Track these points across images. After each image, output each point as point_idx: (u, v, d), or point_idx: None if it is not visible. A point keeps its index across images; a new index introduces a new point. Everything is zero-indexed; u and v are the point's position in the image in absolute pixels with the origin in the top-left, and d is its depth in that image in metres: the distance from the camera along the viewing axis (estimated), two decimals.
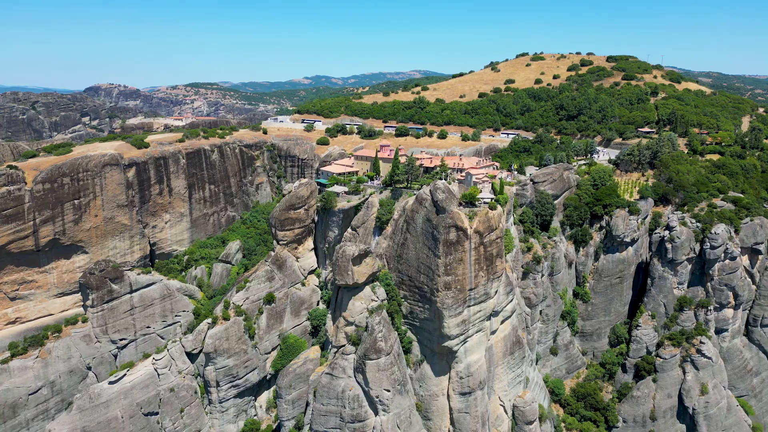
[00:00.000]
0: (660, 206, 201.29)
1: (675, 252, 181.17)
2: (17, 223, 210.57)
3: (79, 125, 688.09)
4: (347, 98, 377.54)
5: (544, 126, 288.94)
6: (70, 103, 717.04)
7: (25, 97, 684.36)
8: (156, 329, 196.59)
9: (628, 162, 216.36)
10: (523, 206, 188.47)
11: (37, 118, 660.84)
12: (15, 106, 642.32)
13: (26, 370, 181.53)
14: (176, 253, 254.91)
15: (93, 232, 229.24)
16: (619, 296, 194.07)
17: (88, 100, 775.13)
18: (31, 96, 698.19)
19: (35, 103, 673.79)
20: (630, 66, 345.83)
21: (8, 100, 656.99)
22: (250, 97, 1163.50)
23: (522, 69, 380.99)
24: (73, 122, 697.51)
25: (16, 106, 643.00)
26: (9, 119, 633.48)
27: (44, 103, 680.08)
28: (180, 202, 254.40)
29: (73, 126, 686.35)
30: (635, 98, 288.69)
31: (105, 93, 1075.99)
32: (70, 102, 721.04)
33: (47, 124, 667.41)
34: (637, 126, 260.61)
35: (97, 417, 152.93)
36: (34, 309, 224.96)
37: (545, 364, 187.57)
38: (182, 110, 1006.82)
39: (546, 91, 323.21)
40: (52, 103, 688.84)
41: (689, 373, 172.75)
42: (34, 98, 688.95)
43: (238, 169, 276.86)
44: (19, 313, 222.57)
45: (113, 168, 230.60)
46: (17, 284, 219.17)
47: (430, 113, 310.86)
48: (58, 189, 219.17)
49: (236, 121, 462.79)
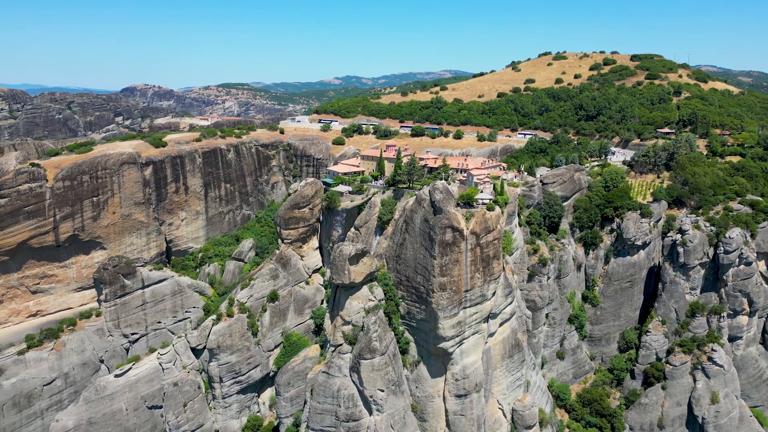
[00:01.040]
0: (674, 209, 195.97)
1: (687, 256, 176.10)
2: (38, 219, 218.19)
3: (112, 125, 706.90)
4: (365, 98, 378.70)
5: (562, 126, 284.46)
6: (104, 104, 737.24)
7: (62, 97, 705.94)
8: (167, 324, 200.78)
9: (642, 163, 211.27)
10: (531, 208, 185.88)
11: (72, 117, 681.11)
12: (51, 106, 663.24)
13: (41, 361, 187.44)
14: (192, 250, 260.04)
15: (111, 228, 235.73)
16: (630, 301, 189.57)
17: (122, 101, 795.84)
18: (67, 96, 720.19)
19: (71, 103, 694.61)
20: (654, 65, 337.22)
21: (45, 100, 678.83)
22: (280, 98, 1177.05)
23: (543, 68, 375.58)
24: (107, 122, 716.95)
25: (52, 106, 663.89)
26: (46, 119, 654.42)
27: (79, 103, 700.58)
28: (196, 201, 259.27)
29: (106, 125, 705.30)
30: (657, 98, 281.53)
31: (140, 93, 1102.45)
32: (105, 102, 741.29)
33: (82, 124, 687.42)
34: (657, 127, 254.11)
35: (102, 409, 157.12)
36: (54, 302, 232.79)
37: (551, 368, 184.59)
38: (213, 110, 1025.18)
39: (566, 90, 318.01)
40: (87, 103, 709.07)
41: (700, 381, 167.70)
42: (70, 98, 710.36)
43: (254, 168, 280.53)
44: (40, 306, 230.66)
45: (131, 166, 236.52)
46: (38, 278, 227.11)
47: (447, 113, 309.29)
48: (77, 186, 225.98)
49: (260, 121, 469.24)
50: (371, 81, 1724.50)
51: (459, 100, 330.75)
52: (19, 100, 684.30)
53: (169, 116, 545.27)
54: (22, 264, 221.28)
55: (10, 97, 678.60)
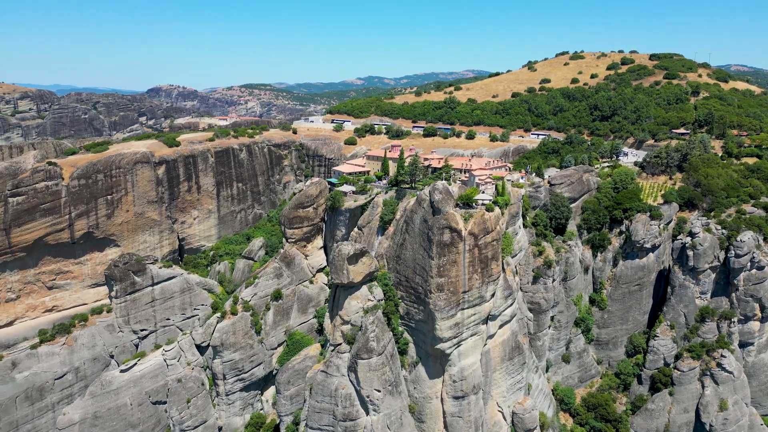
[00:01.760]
0: (686, 211, 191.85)
1: (697, 259, 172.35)
2: (54, 216, 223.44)
3: (136, 125, 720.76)
4: (378, 98, 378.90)
5: (576, 127, 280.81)
6: (128, 104, 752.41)
7: (87, 97, 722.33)
8: (175, 321, 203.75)
9: (654, 164, 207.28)
10: (537, 209, 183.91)
11: (97, 117, 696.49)
12: (77, 106, 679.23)
13: (53, 355, 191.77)
14: (204, 248, 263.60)
15: (124, 226, 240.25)
16: (638, 304, 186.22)
17: (146, 101, 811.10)
18: (93, 96, 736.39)
19: (96, 104, 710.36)
20: (673, 64, 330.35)
21: (72, 101, 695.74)
22: (302, 98, 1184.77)
23: (559, 68, 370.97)
24: (131, 122, 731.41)
25: (78, 106, 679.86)
26: (72, 118, 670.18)
27: (105, 104, 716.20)
28: (208, 199, 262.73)
29: (131, 125, 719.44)
30: (673, 98, 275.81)
31: (165, 94, 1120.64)
32: (129, 102, 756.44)
33: (107, 124, 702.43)
34: (672, 127, 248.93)
35: (108, 403, 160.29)
36: (69, 298, 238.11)
37: (557, 371, 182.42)
38: (236, 110, 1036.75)
39: (581, 90, 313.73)
40: (112, 103, 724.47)
41: (708, 388, 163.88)
42: (95, 99, 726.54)
43: (266, 167, 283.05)
44: (56, 302, 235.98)
45: (144, 165, 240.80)
46: (54, 274, 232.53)
47: (460, 113, 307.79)
48: (92, 185, 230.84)
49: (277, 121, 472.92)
50: (393, 81, 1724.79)
51: (473, 100, 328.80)
52: (46, 101, 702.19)
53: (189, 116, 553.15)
54: (38, 260, 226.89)
55: (38, 98, 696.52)
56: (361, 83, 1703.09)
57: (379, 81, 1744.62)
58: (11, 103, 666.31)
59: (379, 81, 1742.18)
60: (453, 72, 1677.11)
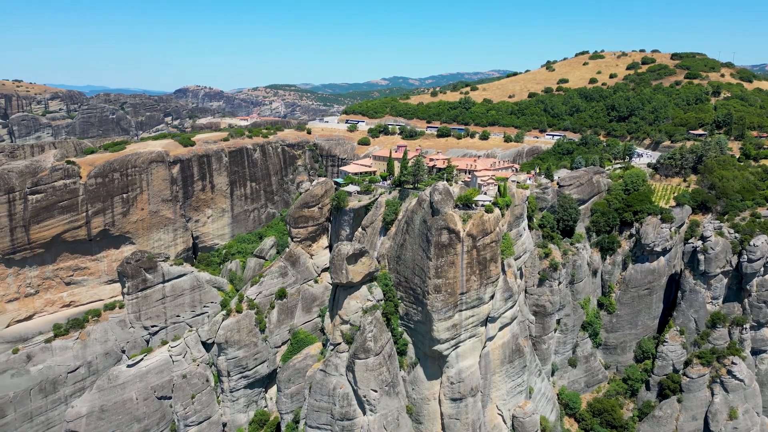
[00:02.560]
0: (699, 215, 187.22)
1: (708, 264, 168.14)
2: (72, 213, 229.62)
3: (161, 125, 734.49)
4: (394, 99, 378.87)
5: (592, 127, 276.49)
6: (155, 104, 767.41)
7: (115, 98, 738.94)
8: (185, 318, 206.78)
9: (668, 166, 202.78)
10: (544, 210, 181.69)
11: (125, 117, 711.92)
12: (105, 107, 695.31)
13: (67, 349, 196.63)
14: (217, 246, 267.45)
15: (139, 224, 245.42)
16: (648, 309, 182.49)
17: (172, 101, 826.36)
18: (121, 97, 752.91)
19: (124, 104, 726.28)
20: (695, 64, 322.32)
21: (100, 101, 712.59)
22: (326, 98, 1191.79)
23: (578, 68, 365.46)
24: (157, 122, 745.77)
25: (106, 107, 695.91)
26: (100, 118, 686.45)
27: (132, 104, 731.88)
28: (222, 198, 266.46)
29: (156, 125, 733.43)
30: (693, 98, 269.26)
31: (192, 94, 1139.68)
32: (155, 103, 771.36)
33: (134, 124, 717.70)
34: (690, 128, 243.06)
35: (114, 397, 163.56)
36: (86, 294, 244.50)
37: (563, 375, 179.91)
38: (261, 111, 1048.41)
39: (599, 90, 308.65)
40: (139, 104, 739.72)
41: (718, 396, 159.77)
42: (123, 99, 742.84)
43: (280, 167, 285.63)
44: (73, 297, 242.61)
45: (159, 164, 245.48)
46: (72, 270, 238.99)
47: (475, 113, 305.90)
48: (108, 183, 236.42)
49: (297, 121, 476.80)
50: (418, 81, 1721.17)
51: (488, 100, 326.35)
52: (76, 101, 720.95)
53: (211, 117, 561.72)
54: (56, 256, 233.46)
55: (67, 98, 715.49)
56: (385, 83, 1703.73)
57: (404, 81, 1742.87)
58: (42, 103, 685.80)
59: (403, 81, 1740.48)
60: (479, 72, 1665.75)
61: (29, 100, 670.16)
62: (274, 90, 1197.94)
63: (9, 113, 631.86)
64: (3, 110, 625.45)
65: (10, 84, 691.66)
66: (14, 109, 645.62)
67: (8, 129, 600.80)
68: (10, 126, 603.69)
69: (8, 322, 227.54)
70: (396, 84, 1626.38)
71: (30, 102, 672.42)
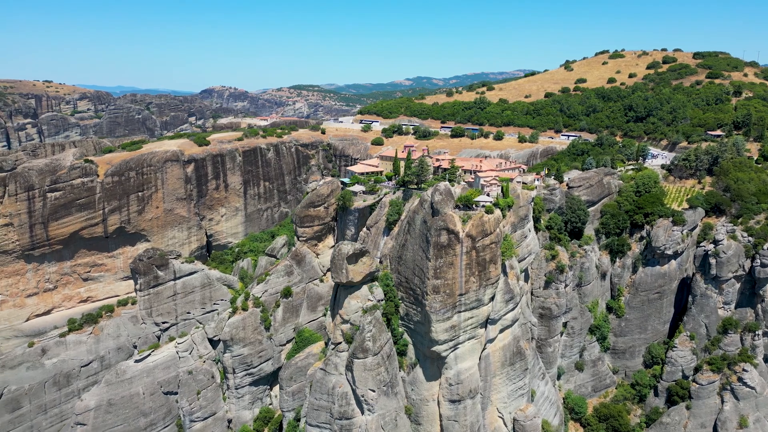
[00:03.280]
0: (713, 217, 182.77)
1: (720, 268, 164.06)
2: (89, 211, 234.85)
3: (185, 124, 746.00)
4: (409, 99, 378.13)
5: (609, 128, 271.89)
6: (179, 104, 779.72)
7: (141, 98, 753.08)
8: (195, 315, 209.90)
9: (682, 168, 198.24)
10: (551, 212, 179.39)
11: (150, 117, 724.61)
12: (132, 107, 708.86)
13: (80, 344, 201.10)
14: (231, 245, 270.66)
15: (154, 222, 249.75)
16: (658, 313, 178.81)
17: (196, 102, 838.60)
18: (147, 97, 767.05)
19: (149, 104, 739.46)
20: (718, 63, 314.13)
21: (127, 101, 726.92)
22: (349, 99, 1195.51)
23: (597, 67, 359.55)
24: (181, 122, 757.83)
25: (132, 107, 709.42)
26: (126, 118, 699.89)
27: (157, 104, 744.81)
28: (235, 197, 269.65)
29: (180, 125, 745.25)
30: (713, 98, 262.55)
31: (217, 95, 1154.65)
32: (180, 103, 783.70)
33: (159, 123, 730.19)
34: (708, 129, 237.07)
35: (121, 391, 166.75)
36: (103, 290, 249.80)
37: (569, 379, 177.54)
38: (284, 111, 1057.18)
39: (617, 90, 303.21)
40: (164, 104, 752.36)
41: (728, 403, 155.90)
42: (149, 99, 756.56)
43: (293, 167, 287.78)
44: (91, 293, 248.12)
45: (174, 164, 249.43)
46: (89, 267, 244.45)
47: (490, 114, 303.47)
48: (125, 182, 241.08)
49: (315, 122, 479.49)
50: (442, 81, 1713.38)
51: (504, 100, 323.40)
52: (103, 101, 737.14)
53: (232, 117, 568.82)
54: (74, 253, 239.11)
55: (95, 98, 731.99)
56: (409, 84, 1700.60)
57: (428, 81, 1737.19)
58: (71, 103, 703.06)
59: (427, 81, 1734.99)
60: (503, 72, 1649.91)
61: (58, 100, 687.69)
62: (297, 90, 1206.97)
63: (39, 113, 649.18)
64: (33, 110, 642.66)
65: (40, 84, 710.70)
66: (44, 109, 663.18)
67: (37, 128, 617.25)
68: (40, 125, 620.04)
69: (27, 316, 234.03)
70: (420, 84, 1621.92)
71: (59, 102, 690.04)
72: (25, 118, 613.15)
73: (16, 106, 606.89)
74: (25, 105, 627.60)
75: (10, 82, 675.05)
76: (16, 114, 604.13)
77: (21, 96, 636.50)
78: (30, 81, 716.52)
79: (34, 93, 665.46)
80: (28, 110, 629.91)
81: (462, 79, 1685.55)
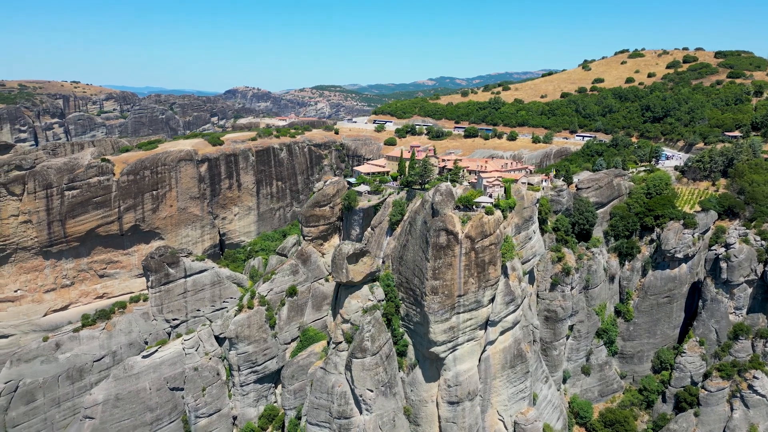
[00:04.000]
0: (726, 220, 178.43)
1: (731, 272, 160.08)
2: (105, 209, 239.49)
3: (208, 124, 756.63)
4: (423, 99, 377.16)
5: (625, 128, 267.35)
6: (202, 105, 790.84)
7: (165, 98, 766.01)
8: (205, 312, 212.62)
9: (696, 169, 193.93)
10: (558, 213, 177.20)
11: (173, 117, 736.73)
12: (156, 107, 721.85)
13: (93, 339, 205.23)
14: (243, 243, 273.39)
15: (168, 220, 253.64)
16: (668, 317, 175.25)
17: (219, 102, 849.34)
18: (171, 98, 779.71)
19: (173, 105, 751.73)
20: (740, 62, 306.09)
21: (151, 102, 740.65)
22: (370, 99, 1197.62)
23: (615, 67, 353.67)
24: (204, 122, 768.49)
25: (156, 107, 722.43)
26: (151, 118, 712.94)
27: (180, 105, 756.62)
28: (248, 197, 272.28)
29: (203, 125, 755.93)
30: (732, 98, 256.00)
31: (241, 95, 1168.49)
32: (203, 103, 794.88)
33: (182, 123, 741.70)
34: (726, 129, 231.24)
35: (129, 386, 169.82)
36: (118, 286, 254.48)
37: (575, 383, 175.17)
38: (306, 111, 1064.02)
39: (634, 90, 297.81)
40: (187, 104, 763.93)
41: (737, 411, 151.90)
42: (172, 100, 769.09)
43: (306, 167, 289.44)
44: (106, 290, 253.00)
45: (187, 163, 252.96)
46: (105, 264, 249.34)
47: (504, 114, 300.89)
48: (140, 180, 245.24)
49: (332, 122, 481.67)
50: (465, 81, 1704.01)
51: (519, 100, 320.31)
52: (129, 101, 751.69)
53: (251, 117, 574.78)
54: (91, 250, 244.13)
55: (121, 99, 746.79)
56: (432, 84, 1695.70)
57: (451, 81, 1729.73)
58: (97, 103, 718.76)
59: (450, 81, 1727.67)
60: (528, 72, 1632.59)
61: (85, 100, 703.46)
62: (319, 91, 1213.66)
63: (66, 113, 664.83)
64: (60, 110, 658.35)
65: (68, 85, 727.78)
66: (71, 109, 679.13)
67: (64, 128, 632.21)
68: (67, 125, 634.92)
69: (45, 312, 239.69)
70: (443, 84, 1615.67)
71: (86, 102, 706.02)
72: (53, 118, 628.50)
73: (44, 106, 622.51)
74: (52, 105, 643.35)
75: (40, 83, 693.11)
76: (44, 114, 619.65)
77: (49, 96, 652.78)
78: (58, 81, 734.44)
79: (62, 93, 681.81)
80: (56, 110, 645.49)
81: (485, 79, 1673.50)
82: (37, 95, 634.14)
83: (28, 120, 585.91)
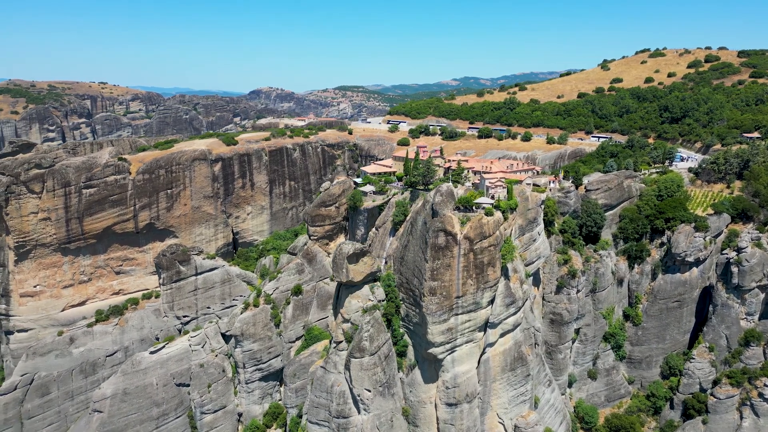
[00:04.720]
0: (740, 224, 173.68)
1: (742, 277, 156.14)
2: (121, 207, 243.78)
3: (230, 124, 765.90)
4: (438, 99, 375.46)
5: (642, 129, 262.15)
6: (225, 105, 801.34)
7: (189, 99, 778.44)
8: (215, 310, 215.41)
9: (710, 171, 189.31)
10: (566, 215, 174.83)
11: (197, 117, 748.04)
12: (180, 107, 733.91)
13: (106, 334, 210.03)
14: (256, 242, 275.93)
15: (182, 219, 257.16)
16: (677, 322, 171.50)
17: (242, 102, 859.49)
18: (194, 98, 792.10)
19: (196, 105, 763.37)
20: (763, 62, 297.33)
21: (175, 102, 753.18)
22: (393, 99, 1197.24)
23: (635, 67, 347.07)
24: (227, 122, 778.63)
25: (180, 107, 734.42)
26: (175, 118, 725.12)
27: (204, 105, 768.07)
28: (261, 196, 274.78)
29: (226, 125, 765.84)
30: (754, 99, 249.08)
31: (264, 96, 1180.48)
32: (226, 104, 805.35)
33: (205, 123, 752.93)
34: (745, 131, 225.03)
35: (136, 381, 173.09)
36: (133, 283, 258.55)
37: (581, 387, 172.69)
38: (329, 112, 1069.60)
39: (653, 90, 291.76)
40: (210, 104, 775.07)
41: (747, 419, 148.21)
42: (196, 100, 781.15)
43: (319, 167, 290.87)
44: (122, 286, 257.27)
45: (201, 162, 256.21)
46: (121, 260, 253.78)
47: (519, 114, 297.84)
48: (155, 179, 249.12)
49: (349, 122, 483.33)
50: (489, 81, 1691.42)
51: (535, 100, 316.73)
52: (154, 102, 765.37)
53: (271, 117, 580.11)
54: (107, 247, 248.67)
55: (146, 99, 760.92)
56: (456, 84, 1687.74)
57: (475, 81, 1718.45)
58: (124, 104, 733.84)
59: (474, 81, 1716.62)
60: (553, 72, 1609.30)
61: (112, 101, 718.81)
62: (342, 91, 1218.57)
63: (93, 113, 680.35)
64: (88, 110, 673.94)
65: (95, 86, 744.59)
66: (98, 109, 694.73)
67: (91, 128, 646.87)
68: (93, 125, 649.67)
69: (63, 307, 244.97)
70: (466, 84, 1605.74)
71: (113, 103, 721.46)
72: (80, 118, 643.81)
73: (71, 107, 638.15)
74: (80, 105, 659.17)
75: (68, 84, 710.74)
76: (72, 114, 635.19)
77: (77, 97, 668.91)
78: (86, 82, 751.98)
79: (90, 94, 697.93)
80: (83, 110, 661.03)
81: (510, 78, 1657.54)
82: (66, 96, 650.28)
83: (56, 120, 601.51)
